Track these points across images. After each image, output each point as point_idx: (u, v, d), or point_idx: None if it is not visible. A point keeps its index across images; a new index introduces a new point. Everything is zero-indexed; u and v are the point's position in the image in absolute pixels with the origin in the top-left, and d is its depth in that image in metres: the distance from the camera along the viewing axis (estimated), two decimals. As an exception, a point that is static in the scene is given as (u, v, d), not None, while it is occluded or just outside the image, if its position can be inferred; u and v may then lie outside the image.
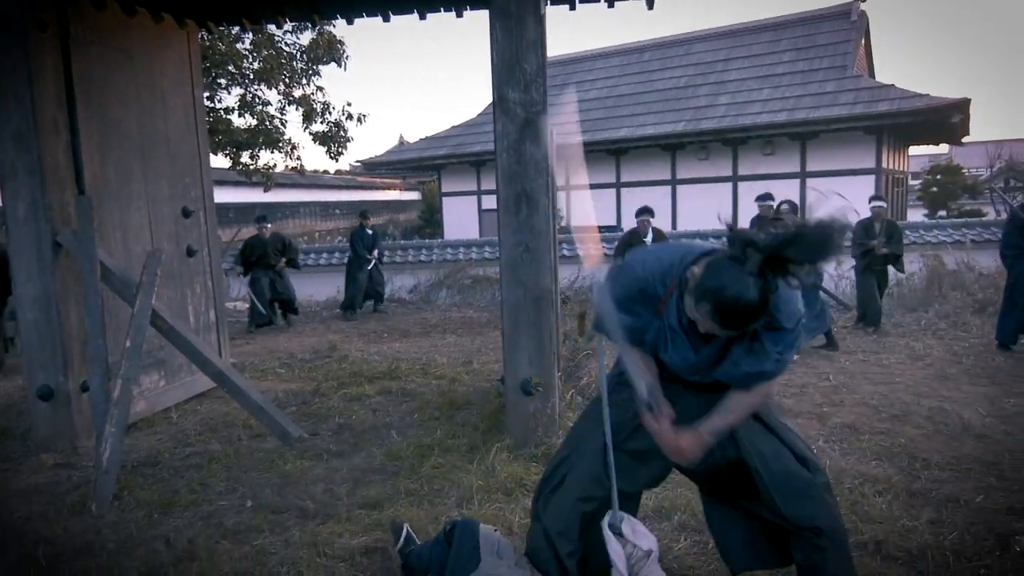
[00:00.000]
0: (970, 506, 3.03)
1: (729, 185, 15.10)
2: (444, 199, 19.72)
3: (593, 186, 15.09)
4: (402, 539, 2.48)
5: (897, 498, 3.12)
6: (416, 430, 4.46)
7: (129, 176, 4.79)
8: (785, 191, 14.25)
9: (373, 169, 23.68)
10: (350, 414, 4.90)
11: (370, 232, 10.27)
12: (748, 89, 15.24)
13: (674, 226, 14.71)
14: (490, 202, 17.79)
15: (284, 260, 9.17)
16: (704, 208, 14.60)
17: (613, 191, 16.36)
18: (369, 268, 9.99)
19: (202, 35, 7.95)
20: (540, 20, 3.59)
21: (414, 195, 29.47)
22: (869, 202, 7.37)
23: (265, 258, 9.01)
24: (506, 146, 3.72)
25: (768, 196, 7.38)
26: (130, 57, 4.78)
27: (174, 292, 5.28)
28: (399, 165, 21.43)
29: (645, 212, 7.94)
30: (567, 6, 4.90)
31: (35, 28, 4.01)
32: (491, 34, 3.63)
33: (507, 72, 3.63)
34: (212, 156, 9.46)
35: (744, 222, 13.97)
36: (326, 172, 27.71)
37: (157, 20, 4.96)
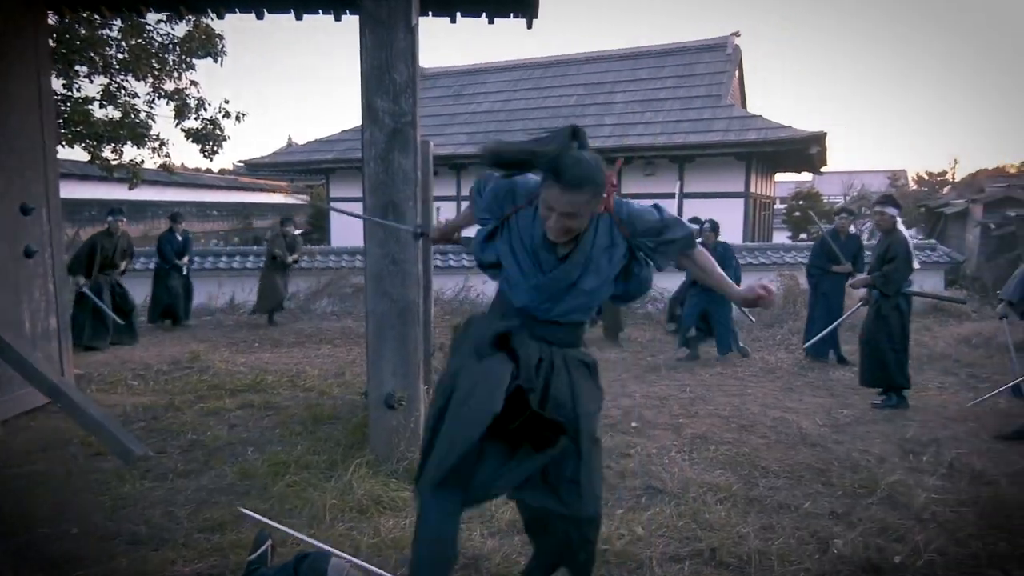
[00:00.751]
0: (798, 511, 3.25)
1: (613, 203, 15.64)
2: (331, 203, 19.20)
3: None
4: (257, 553, 2.34)
5: (736, 506, 3.29)
6: (275, 446, 4.27)
7: (-47, 166, 4.31)
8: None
9: (257, 170, 22.70)
10: (204, 430, 4.62)
11: (180, 237, 9.42)
12: (632, 112, 15.90)
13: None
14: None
15: (124, 266, 8.22)
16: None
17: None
18: (179, 276, 9.25)
19: (60, 18, 7.32)
20: (412, 30, 3.55)
21: (302, 199, 28.53)
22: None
23: (111, 260, 7.97)
24: (374, 155, 3.65)
25: (696, 220, 7.80)
26: (-41, 35, 4.31)
27: (9, 296, 4.80)
28: (285, 167, 20.70)
29: None
30: (447, 18, 4.89)
31: None
32: (360, 41, 3.55)
33: (376, 81, 3.56)
34: (69, 149, 8.73)
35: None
36: (208, 171, 26.32)
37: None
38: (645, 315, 10.00)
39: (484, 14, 4.77)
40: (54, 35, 7.53)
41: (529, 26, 4.94)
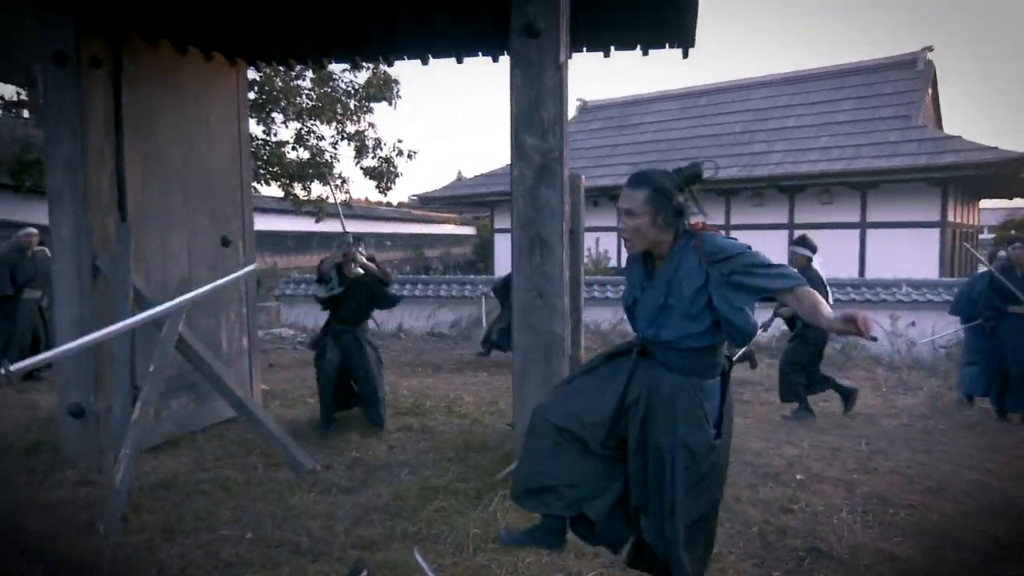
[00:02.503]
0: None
1: (784, 232, 14.74)
2: (496, 235, 19.88)
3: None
4: None
5: (916, 582, 2.90)
6: (428, 470, 4.42)
7: (171, 205, 5.00)
8: (845, 242, 13.86)
9: (428, 203, 24.15)
10: (367, 449, 4.91)
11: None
12: (806, 136, 14.96)
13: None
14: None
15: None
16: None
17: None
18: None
19: (264, 70, 8.34)
20: (559, 68, 3.60)
21: (469, 230, 29.83)
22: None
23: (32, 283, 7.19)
24: (522, 191, 3.72)
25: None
26: (180, 91, 5.02)
27: (209, 319, 5.44)
28: (453, 200, 21.79)
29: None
30: (601, 53, 4.92)
31: (88, 63, 4.27)
32: (511, 80, 3.66)
33: (526, 118, 3.64)
34: (267, 187, 9.85)
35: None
36: (389, 204, 28.42)
37: (208, 57, 5.22)
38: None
39: (638, 46, 4.74)
40: (255, 87, 8.56)
41: (685, 55, 4.84)
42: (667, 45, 4.72)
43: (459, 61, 5.22)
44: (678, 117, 18.04)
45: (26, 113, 10.73)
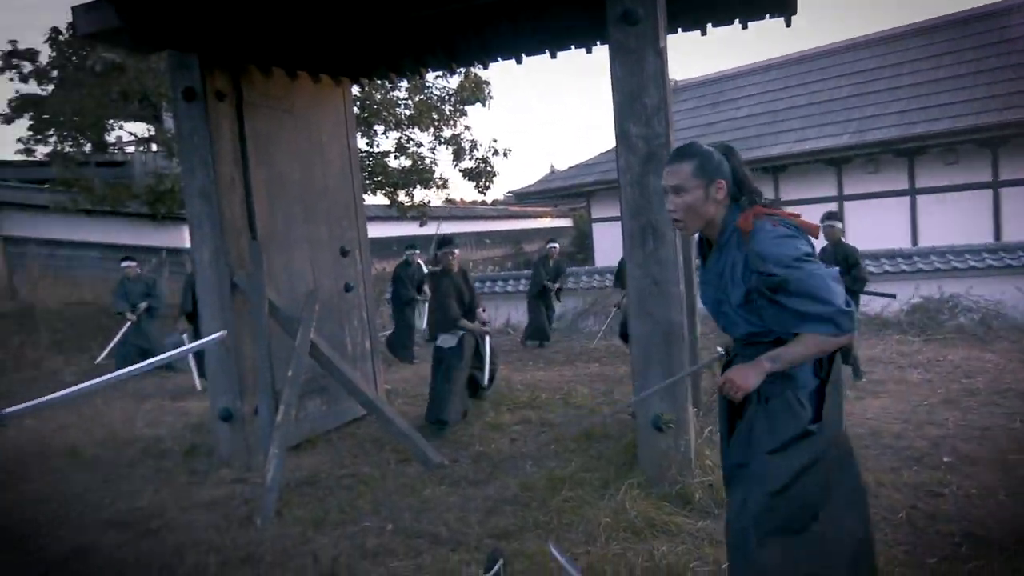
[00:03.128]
0: None
1: (906, 199, 13.79)
2: (594, 225, 19.72)
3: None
4: (492, 572, 2.51)
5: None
6: (551, 461, 4.50)
7: (293, 222, 5.34)
8: (975, 202, 12.80)
9: (524, 198, 24.33)
10: (489, 443, 5.05)
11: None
12: (924, 94, 13.90)
13: (842, 246, 13.66)
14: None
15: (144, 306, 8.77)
16: (876, 225, 13.45)
17: (771, 210, 15.53)
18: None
19: (361, 87, 8.71)
20: (660, 53, 3.56)
21: (566, 222, 29.82)
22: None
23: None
24: (630, 180, 3.71)
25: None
26: (292, 115, 5.35)
27: (334, 325, 5.77)
28: (549, 194, 21.81)
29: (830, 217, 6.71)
30: (698, 31, 4.81)
31: (214, 97, 4.63)
32: (611, 70, 3.66)
33: (628, 107, 3.63)
34: (372, 196, 10.27)
35: (927, 238, 12.71)
36: (484, 203, 28.94)
37: (316, 80, 5.52)
38: (957, 327, 8.60)
39: (736, 20, 4.60)
40: (356, 103, 8.95)
41: (788, 24, 4.65)
42: (768, 15, 4.56)
43: (553, 56, 5.25)
44: (779, 87, 17.22)
45: (154, 147, 11.73)
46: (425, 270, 9.33)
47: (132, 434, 5.96)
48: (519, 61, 5.33)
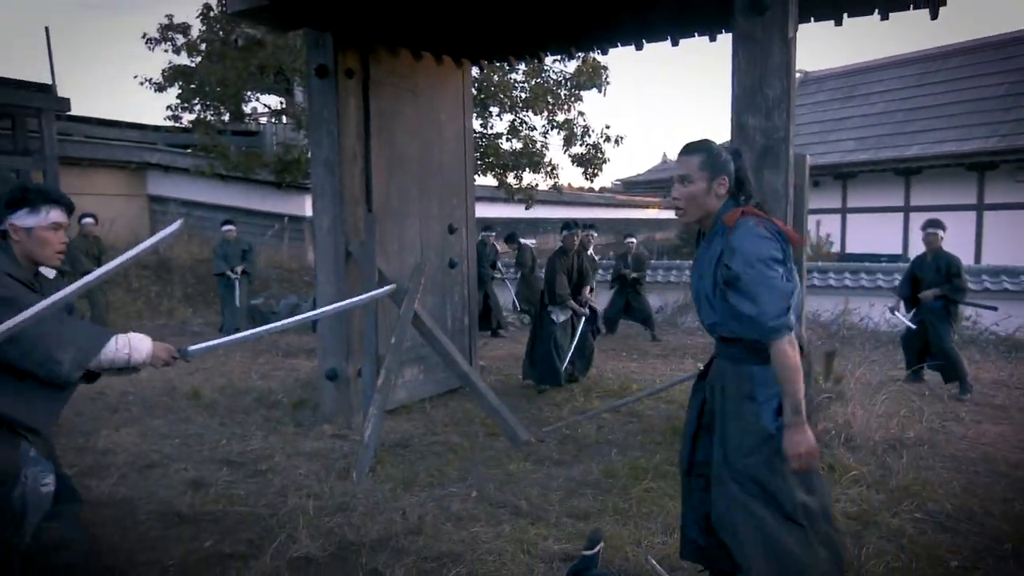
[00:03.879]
0: None
1: (1059, 213, 12.57)
2: (702, 219, 19.18)
3: (876, 209, 13.68)
4: (593, 551, 2.57)
5: None
6: (636, 451, 4.51)
7: (407, 197, 5.57)
8: None
9: (633, 188, 24.01)
10: (577, 427, 5.11)
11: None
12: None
13: (977, 259, 12.62)
14: (751, 224, 16.91)
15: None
16: (1020, 238, 12.33)
17: (900, 216, 14.57)
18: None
19: (480, 69, 8.87)
20: (787, 44, 3.45)
21: (673, 214, 29.08)
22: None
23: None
24: (743, 173, 3.62)
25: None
26: (415, 94, 5.57)
27: (437, 298, 5.99)
28: (659, 184, 21.44)
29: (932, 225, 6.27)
30: (831, 22, 4.59)
31: (344, 74, 4.90)
32: (733, 60, 3.58)
33: (747, 98, 3.54)
34: (482, 176, 10.49)
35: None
36: (591, 190, 28.77)
37: (438, 61, 5.71)
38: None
39: (876, 11, 4.35)
40: (475, 83, 9.14)
41: (935, 15, 4.35)
42: (912, 6, 4.28)
43: (674, 44, 5.17)
44: (918, 84, 16.02)
45: (284, 119, 12.47)
46: (499, 249, 10.24)
47: (247, 384, 6.47)
48: (639, 47, 5.29)
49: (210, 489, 3.77)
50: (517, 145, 10.15)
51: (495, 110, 10.04)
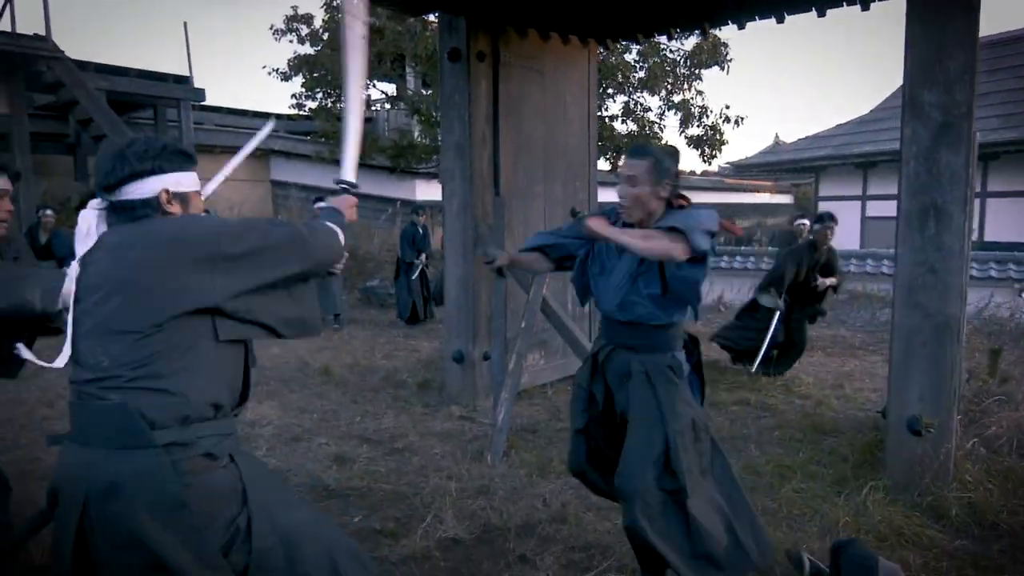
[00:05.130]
0: None
1: None
2: (820, 203, 18.18)
3: (1021, 194, 12.27)
4: (807, 570, 2.43)
5: None
6: (775, 448, 4.30)
7: (533, 179, 5.53)
8: None
9: (744, 171, 23.01)
10: (707, 419, 4.92)
11: (420, 231, 9.21)
12: None
13: None
14: (878, 209, 15.86)
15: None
16: None
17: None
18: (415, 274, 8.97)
19: (606, 50, 8.68)
20: (971, 8, 3.11)
21: (785, 198, 27.80)
22: None
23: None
24: (915, 153, 3.32)
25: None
26: (542, 76, 5.49)
27: (558, 283, 5.92)
28: (773, 167, 20.44)
29: None
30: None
31: (476, 57, 4.88)
32: (907, 29, 3.27)
33: (923, 71, 3.23)
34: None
35: None
36: (692, 174, 27.85)
37: (565, 42, 5.60)
38: None
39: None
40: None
41: None
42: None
43: (821, 14, 4.82)
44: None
45: (401, 105, 12.74)
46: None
47: (372, 363, 6.67)
48: (780, 20, 4.97)
49: (353, 465, 3.89)
50: (632, 127, 9.90)
51: (610, 92, 9.82)
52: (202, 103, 13.01)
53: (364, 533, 3.10)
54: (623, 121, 9.90)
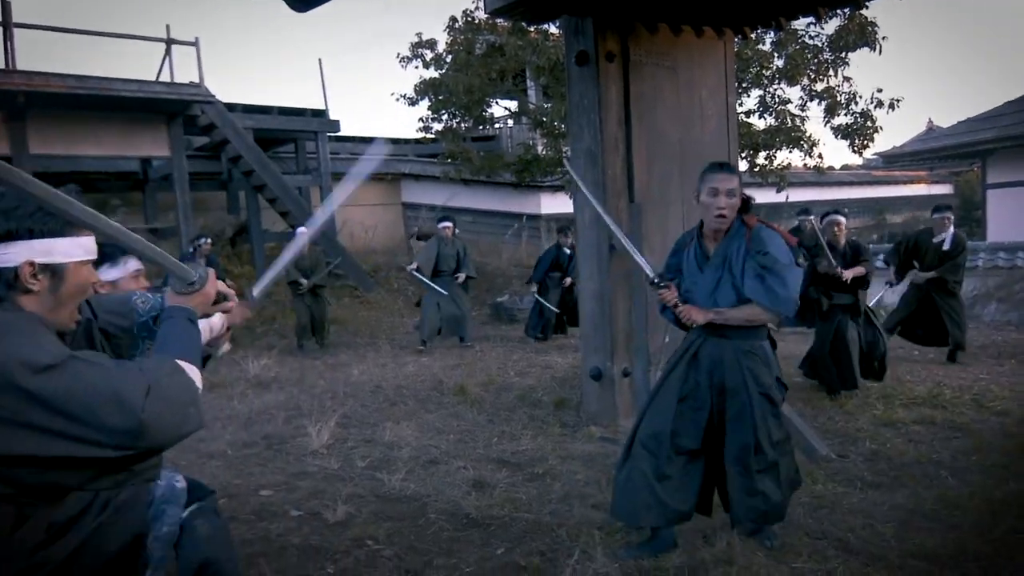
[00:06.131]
0: None
1: None
2: (988, 192, 16.23)
3: None
4: None
5: None
6: (976, 476, 3.68)
7: (669, 182, 5.17)
8: None
9: (894, 161, 21.02)
10: (883, 440, 4.35)
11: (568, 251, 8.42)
12: None
13: None
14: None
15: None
16: None
17: None
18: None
19: (743, 38, 8.16)
20: None
21: (944, 188, 25.20)
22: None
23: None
24: None
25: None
26: (675, 72, 5.14)
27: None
28: (928, 155, 18.53)
29: None
30: None
31: (604, 59, 4.63)
32: None
33: None
34: (731, 159, 9.70)
35: None
36: (830, 168, 25.86)
37: (698, 34, 5.22)
38: None
39: None
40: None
41: None
42: None
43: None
44: None
45: (523, 120, 12.71)
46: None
47: (506, 381, 6.54)
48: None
49: (493, 491, 3.71)
50: (770, 122, 9.22)
51: (744, 86, 9.21)
52: (338, 134, 13.67)
53: (508, 569, 2.89)
54: (761, 116, 9.24)
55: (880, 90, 9.32)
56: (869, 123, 8.84)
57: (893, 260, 6.93)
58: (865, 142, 8.98)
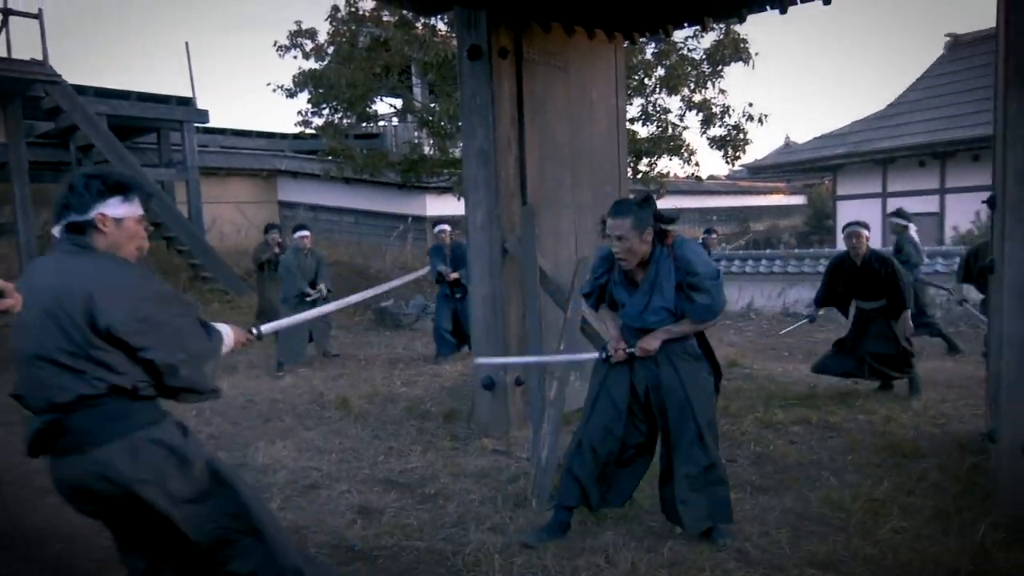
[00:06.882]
0: None
1: None
2: (838, 202, 17.68)
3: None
4: None
5: None
6: (854, 476, 3.81)
7: (560, 186, 5.08)
8: None
9: (758, 173, 22.48)
10: (766, 443, 4.44)
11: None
12: None
13: None
14: (899, 206, 15.40)
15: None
16: None
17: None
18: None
19: (632, 43, 8.27)
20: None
21: (799, 199, 27.30)
22: None
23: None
24: (1021, 134, 2.85)
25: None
26: (566, 73, 5.06)
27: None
28: (788, 167, 19.94)
29: None
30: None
31: (498, 55, 4.46)
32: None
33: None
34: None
35: None
36: (711, 178, 27.27)
37: (590, 36, 5.18)
38: None
39: None
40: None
41: None
42: None
43: (827, 2, 4.36)
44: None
45: (408, 118, 12.36)
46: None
47: (392, 391, 6.22)
48: (783, 11, 4.50)
49: (381, 517, 3.41)
50: (652, 130, 9.47)
51: (628, 93, 9.39)
52: (206, 125, 12.69)
53: (400, 605, 2.63)
54: (643, 124, 9.47)
55: (751, 104, 9.77)
56: (741, 135, 9.28)
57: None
58: (738, 153, 9.42)
